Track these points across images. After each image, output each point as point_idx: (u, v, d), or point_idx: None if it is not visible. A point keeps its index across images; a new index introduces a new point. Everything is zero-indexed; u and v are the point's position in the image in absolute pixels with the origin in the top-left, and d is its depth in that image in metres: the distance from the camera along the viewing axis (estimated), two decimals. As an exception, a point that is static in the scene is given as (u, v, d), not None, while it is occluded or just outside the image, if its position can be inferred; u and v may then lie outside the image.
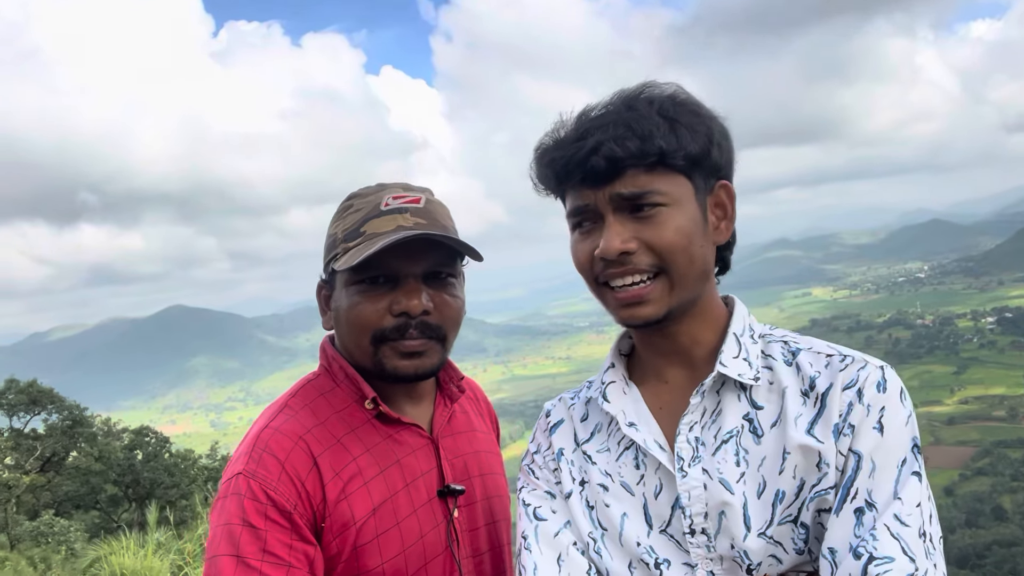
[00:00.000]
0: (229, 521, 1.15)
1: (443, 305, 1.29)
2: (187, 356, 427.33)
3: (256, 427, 1.27)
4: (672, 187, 1.03)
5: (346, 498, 1.21)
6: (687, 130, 1.03)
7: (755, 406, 1.07)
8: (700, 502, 1.04)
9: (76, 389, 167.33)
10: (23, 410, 26.33)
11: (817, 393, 1.04)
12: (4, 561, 12.03)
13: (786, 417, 1.04)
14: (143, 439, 27.92)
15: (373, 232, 1.24)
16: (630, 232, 1.03)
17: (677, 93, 1.07)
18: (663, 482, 1.08)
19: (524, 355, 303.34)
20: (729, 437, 1.06)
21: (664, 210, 1.03)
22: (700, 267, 1.06)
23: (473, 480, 1.38)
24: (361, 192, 1.33)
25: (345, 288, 1.28)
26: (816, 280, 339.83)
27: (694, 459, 1.06)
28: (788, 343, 1.11)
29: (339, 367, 1.33)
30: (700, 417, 1.08)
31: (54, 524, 18.41)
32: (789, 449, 1.02)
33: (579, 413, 1.23)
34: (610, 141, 1.01)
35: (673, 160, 1.02)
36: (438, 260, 1.28)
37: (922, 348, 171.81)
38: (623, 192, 1.02)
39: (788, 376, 1.07)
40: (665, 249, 1.03)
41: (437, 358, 1.30)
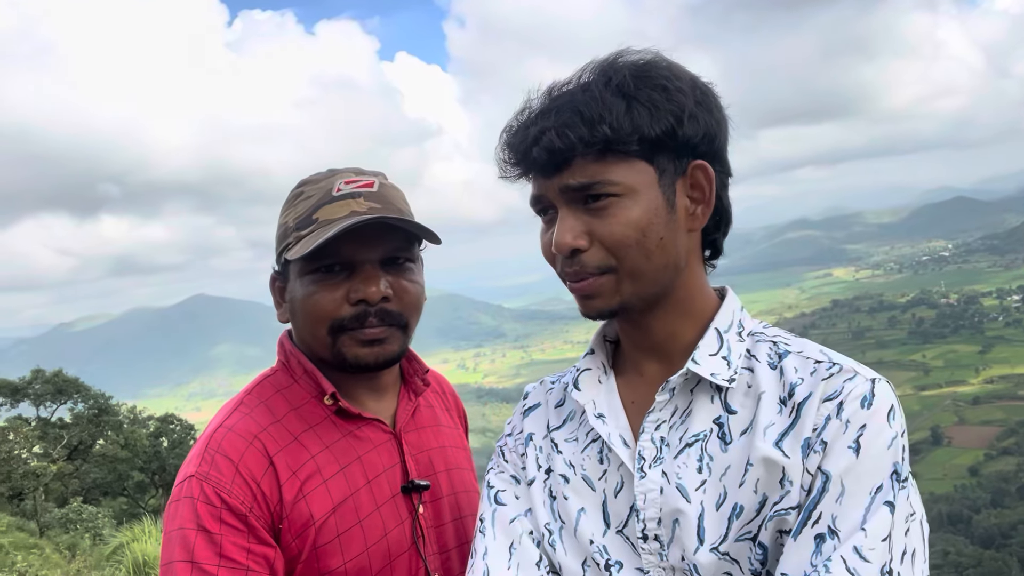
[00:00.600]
0: (183, 526, 1.12)
1: (402, 291, 1.25)
2: (210, 344, 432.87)
3: (210, 427, 1.23)
4: (626, 175, 0.94)
5: (304, 497, 1.18)
6: (647, 109, 0.93)
7: (728, 410, 0.98)
8: (654, 507, 0.97)
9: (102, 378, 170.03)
10: (50, 400, 26.80)
11: (794, 402, 0.94)
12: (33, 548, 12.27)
13: (756, 425, 0.95)
14: (168, 426, 28.34)
15: (326, 219, 1.21)
16: (582, 226, 0.96)
17: (649, 63, 0.97)
18: (624, 480, 1.01)
19: (543, 340, 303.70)
20: (695, 441, 0.98)
21: (616, 201, 0.94)
22: (661, 260, 0.97)
23: (439, 475, 1.35)
24: (312, 179, 1.28)
25: (299, 278, 1.24)
26: (837, 260, 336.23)
27: (656, 460, 0.99)
28: (778, 344, 1.02)
29: (297, 362, 1.29)
30: (669, 416, 1.00)
31: (82, 511, 18.76)
32: (752, 460, 0.93)
33: (555, 398, 1.17)
34: (552, 130, 0.94)
35: (626, 146, 0.93)
36: (395, 245, 1.25)
37: (947, 328, 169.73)
38: (571, 183, 0.95)
39: (769, 380, 0.98)
40: (615, 244, 0.95)
41: (398, 345, 1.27)
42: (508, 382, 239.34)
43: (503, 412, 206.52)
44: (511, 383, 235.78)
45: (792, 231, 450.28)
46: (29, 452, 21.34)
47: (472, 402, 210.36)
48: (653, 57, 0.98)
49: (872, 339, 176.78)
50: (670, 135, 0.94)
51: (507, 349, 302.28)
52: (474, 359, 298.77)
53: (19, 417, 25.84)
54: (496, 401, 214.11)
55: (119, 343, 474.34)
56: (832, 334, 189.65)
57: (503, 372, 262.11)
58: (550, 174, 0.97)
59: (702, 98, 0.97)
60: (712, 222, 1.02)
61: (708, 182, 0.98)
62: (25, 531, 17.08)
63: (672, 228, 0.97)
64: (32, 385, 26.43)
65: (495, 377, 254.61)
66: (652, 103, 0.93)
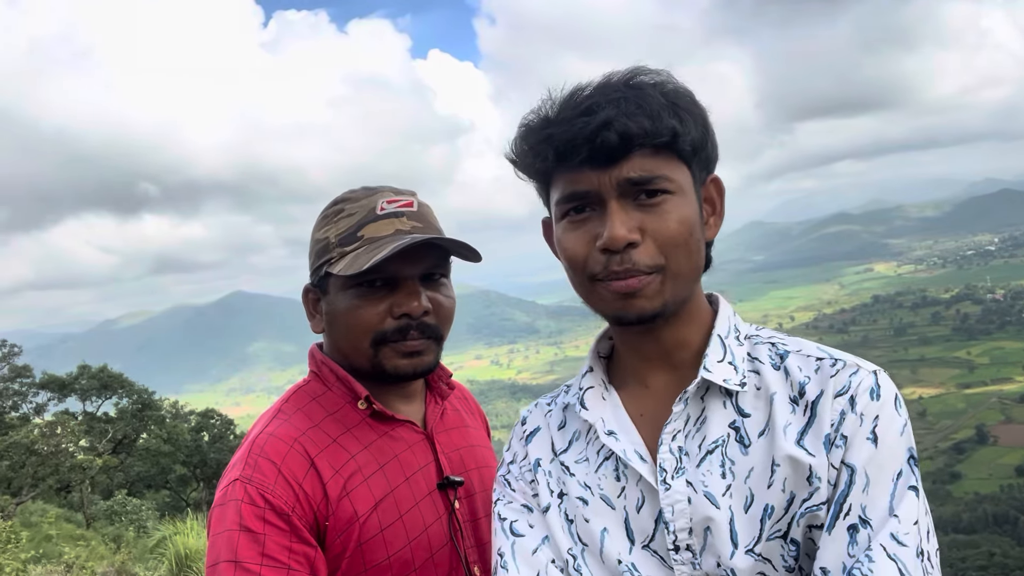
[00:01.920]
0: (228, 528, 1.15)
1: (439, 305, 1.31)
2: (248, 340, 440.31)
3: (251, 434, 1.28)
4: (678, 174, 0.96)
5: (347, 495, 1.22)
6: (689, 115, 0.96)
7: (742, 414, 0.99)
8: (684, 517, 0.97)
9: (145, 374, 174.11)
10: (95, 394, 27.50)
11: (807, 400, 0.96)
12: (80, 539, 12.61)
13: (774, 426, 0.96)
14: (209, 421, 28.90)
15: (372, 236, 1.26)
16: (635, 221, 0.95)
17: (669, 81, 0.99)
18: (645, 495, 1.01)
19: (576, 336, 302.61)
20: (714, 447, 0.98)
21: (671, 198, 0.95)
22: (698, 263, 0.99)
23: (470, 473, 1.39)
24: (350, 196, 1.33)
25: (342, 292, 1.28)
26: (878, 255, 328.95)
27: (677, 471, 0.98)
28: (776, 345, 1.04)
29: (329, 370, 1.34)
30: (684, 425, 1.01)
31: (127, 503, 19.23)
32: (778, 461, 0.95)
33: (556, 420, 1.15)
34: (623, 116, 0.91)
35: (681, 145, 0.94)
36: (433, 262, 1.30)
37: (992, 324, 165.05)
38: (631, 176, 0.93)
39: (776, 381, 0.99)
40: (668, 241, 0.95)
41: (434, 357, 1.32)
42: (542, 378, 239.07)
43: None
44: (545, 379, 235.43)
45: (831, 225, 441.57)
46: (76, 446, 21.90)
47: (506, 398, 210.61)
48: (668, 78, 0.99)
49: (915, 335, 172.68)
50: (703, 145, 0.98)
51: (540, 345, 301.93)
52: (508, 355, 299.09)
53: (66, 412, 26.55)
54: (530, 397, 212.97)
55: (161, 339, 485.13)
56: (873, 330, 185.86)
57: (537, 368, 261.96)
58: (606, 165, 0.94)
59: (706, 117, 1.01)
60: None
61: (719, 194, 1.03)
62: (72, 523, 17.57)
63: (702, 233, 1.00)
64: (78, 380, 27.14)
65: (529, 373, 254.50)
66: (691, 112, 0.96)
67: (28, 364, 26.93)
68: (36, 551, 8.48)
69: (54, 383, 27.05)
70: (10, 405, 26.39)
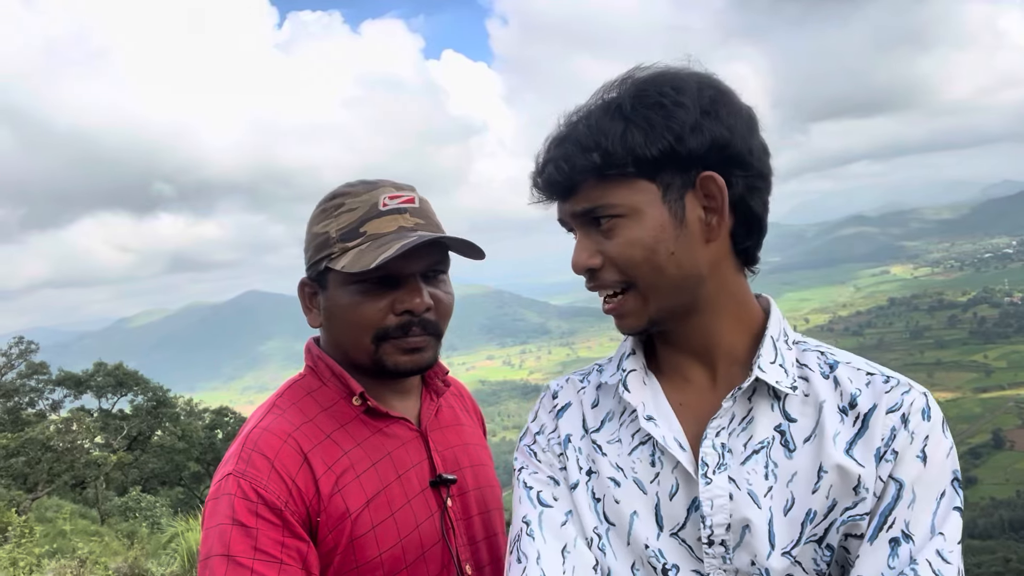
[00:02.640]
0: (220, 522, 1.15)
1: (439, 302, 1.31)
2: (262, 339, 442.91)
3: (245, 429, 1.28)
4: (627, 196, 0.97)
5: (340, 491, 1.22)
6: (642, 130, 0.95)
7: (788, 418, 1.00)
8: (723, 512, 0.98)
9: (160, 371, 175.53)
10: (111, 392, 27.75)
11: (859, 412, 0.98)
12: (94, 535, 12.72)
13: (823, 433, 0.98)
14: (223, 419, 29.06)
15: (376, 232, 1.26)
16: (595, 246, 1.00)
17: (651, 79, 0.99)
18: (680, 483, 1.02)
19: (588, 337, 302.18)
20: (760, 448, 0.99)
21: (620, 221, 0.98)
22: (676, 273, 0.99)
23: (464, 471, 1.40)
24: (349, 190, 1.31)
25: (343, 287, 1.28)
26: (895, 257, 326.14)
27: (720, 466, 0.99)
28: (825, 354, 1.05)
29: (325, 365, 1.34)
30: (728, 422, 1.01)
31: (141, 500, 19.34)
32: (826, 468, 0.96)
33: (589, 398, 1.15)
34: (551, 163, 1.00)
35: (622, 168, 0.96)
36: (435, 259, 1.30)
37: (1010, 327, 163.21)
38: (575, 209, 1.01)
39: (825, 389, 1.01)
40: (624, 263, 0.99)
41: (433, 353, 1.33)
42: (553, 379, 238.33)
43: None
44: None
45: (847, 227, 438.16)
46: (91, 442, 22.08)
47: (517, 399, 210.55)
48: (658, 73, 0.99)
49: (931, 339, 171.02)
50: (668, 152, 0.95)
51: (553, 346, 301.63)
52: (520, 356, 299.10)
53: (82, 408, 26.82)
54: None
55: (176, 337, 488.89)
56: (889, 333, 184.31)
57: (549, 369, 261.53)
58: (562, 200, 1.02)
59: (710, 106, 0.97)
60: (742, 230, 1.01)
61: (720, 191, 0.97)
62: (87, 518, 17.70)
63: (684, 241, 0.98)
64: (94, 378, 27.39)
65: (541, 374, 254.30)
66: (648, 122, 0.95)
67: (45, 361, 27.19)
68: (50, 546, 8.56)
69: (70, 380, 27.30)
70: (27, 401, 26.66)
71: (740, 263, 1.05)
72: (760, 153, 1.00)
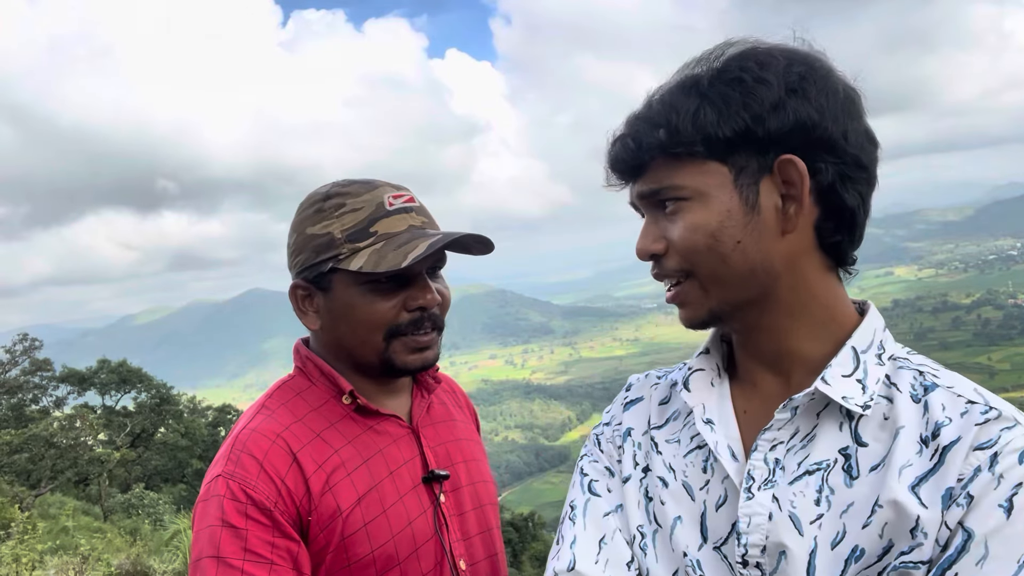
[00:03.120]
0: (210, 523, 1.16)
1: (443, 297, 1.33)
2: (265, 337, 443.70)
3: (234, 431, 1.28)
4: (695, 178, 0.90)
5: (330, 489, 1.22)
6: (716, 107, 0.88)
7: (858, 441, 0.88)
8: (759, 533, 0.89)
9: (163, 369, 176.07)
10: (114, 389, 27.86)
11: (939, 445, 0.84)
12: (97, 531, 12.75)
13: (890, 463, 0.85)
14: (226, 416, 29.20)
15: (388, 232, 1.26)
16: (660, 231, 0.95)
17: (736, 56, 0.91)
18: (728, 494, 0.94)
19: (591, 337, 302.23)
20: (816, 469, 0.89)
21: (684, 204, 0.91)
22: (742, 265, 0.90)
23: (457, 466, 1.40)
24: (348, 191, 1.31)
25: (353, 287, 1.27)
26: (899, 259, 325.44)
27: (767, 482, 0.90)
28: (924, 374, 0.91)
29: (313, 365, 1.35)
30: (788, 437, 0.91)
31: (144, 497, 19.41)
32: (882, 502, 0.84)
33: (660, 395, 1.10)
34: (620, 140, 0.95)
35: (689, 148, 0.89)
36: (437, 256, 1.30)
37: (1014, 329, 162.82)
38: (642, 190, 0.95)
39: (910, 414, 0.87)
40: (684, 249, 0.92)
41: (437, 350, 1.34)
42: (556, 379, 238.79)
43: (551, 409, 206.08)
44: (559, 380, 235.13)
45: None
46: (94, 439, 22.12)
47: (520, 398, 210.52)
48: (747, 47, 0.92)
49: (935, 340, 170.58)
50: (744, 132, 0.88)
51: (555, 346, 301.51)
52: (522, 355, 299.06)
53: (85, 405, 26.91)
54: (543, 398, 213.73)
55: (179, 335, 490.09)
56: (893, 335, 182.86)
57: (551, 369, 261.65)
58: (632, 182, 0.97)
59: (798, 84, 0.88)
60: (830, 223, 0.91)
61: (800, 177, 0.88)
62: (90, 515, 17.75)
63: (755, 230, 0.90)
64: (98, 375, 27.51)
65: (543, 374, 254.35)
66: (724, 100, 0.88)
67: (48, 358, 27.27)
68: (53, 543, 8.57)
69: (74, 377, 27.41)
70: (30, 398, 26.75)
71: (829, 261, 0.94)
72: (860, 139, 0.90)
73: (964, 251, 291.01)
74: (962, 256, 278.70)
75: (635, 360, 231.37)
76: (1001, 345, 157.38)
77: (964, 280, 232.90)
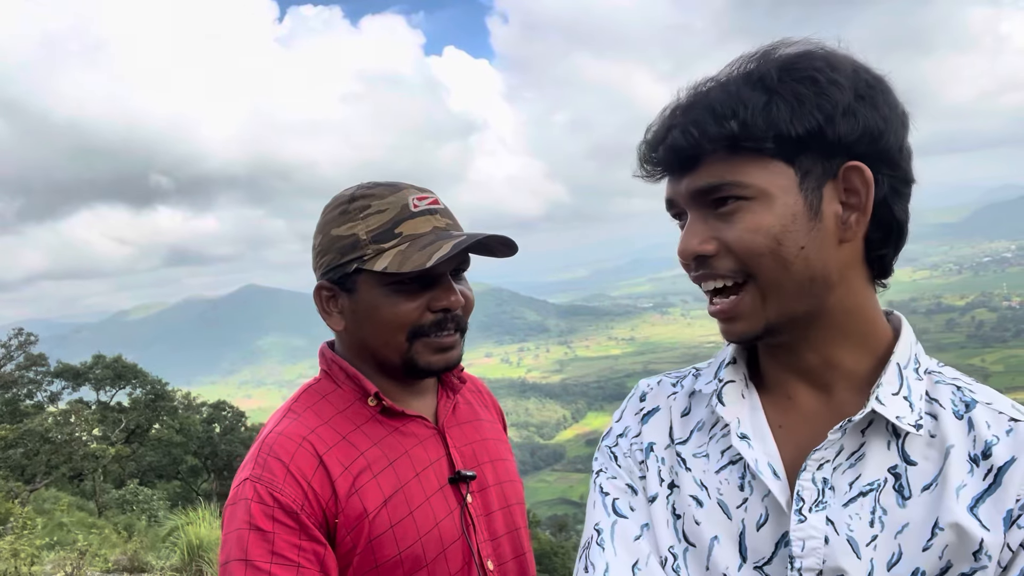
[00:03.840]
0: (238, 527, 1.17)
1: (466, 299, 1.34)
2: (260, 334, 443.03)
3: (262, 433, 1.30)
4: (760, 176, 0.85)
5: (357, 492, 1.23)
6: (788, 104, 0.83)
7: (907, 460, 0.87)
8: (816, 557, 0.86)
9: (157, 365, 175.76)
10: (109, 384, 27.81)
11: (992, 464, 0.83)
12: (93, 527, 12.75)
13: (946, 484, 0.84)
14: (221, 413, 29.14)
15: (413, 233, 1.27)
16: (710, 231, 0.88)
17: (803, 54, 0.87)
18: (770, 513, 0.90)
19: (587, 336, 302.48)
20: (868, 490, 0.87)
21: (746, 204, 0.86)
22: (804, 273, 0.86)
23: (483, 466, 1.40)
24: (372, 192, 1.32)
25: (377, 288, 1.28)
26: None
27: (817, 503, 0.87)
28: (962, 389, 0.90)
29: (339, 368, 1.35)
30: (834, 456, 0.88)
31: (138, 492, 19.41)
32: (942, 524, 0.82)
33: (680, 406, 1.05)
34: (678, 128, 0.87)
35: (759, 143, 0.84)
36: (461, 258, 1.31)
37: (1008, 331, 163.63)
38: (698, 185, 0.88)
39: (956, 432, 0.86)
40: (744, 252, 0.86)
41: (460, 351, 1.35)
42: (551, 378, 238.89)
43: (546, 407, 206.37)
44: (554, 379, 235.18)
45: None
46: (89, 435, 22.12)
47: (515, 397, 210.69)
48: (811, 48, 0.88)
49: (929, 342, 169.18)
50: (816, 133, 0.84)
51: (551, 345, 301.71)
52: (518, 354, 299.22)
53: (80, 400, 26.86)
54: (539, 396, 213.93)
55: (174, 331, 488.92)
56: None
57: (546, 368, 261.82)
58: (680, 175, 0.90)
59: (866, 91, 0.85)
60: (879, 235, 0.89)
61: (865, 186, 0.86)
62: (84, 511, 17.73)
63: (817, 237, 0.86)
64: (93, 370, 27.44)
65: (538, 372, 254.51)
66: (797, 97, 0.84)
67: (43, 353, 27.25)
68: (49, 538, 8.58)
69: (68, 372, 27.35)
70: (25, 393, 26.72)
71: (871, 273, 0.92)
72: (909, 156, 0.89)
73: (959, 253, 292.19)
74: (957, 258, 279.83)
75: (630, 360, 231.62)
76: (995, 347, 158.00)
77: (959, 282, 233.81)
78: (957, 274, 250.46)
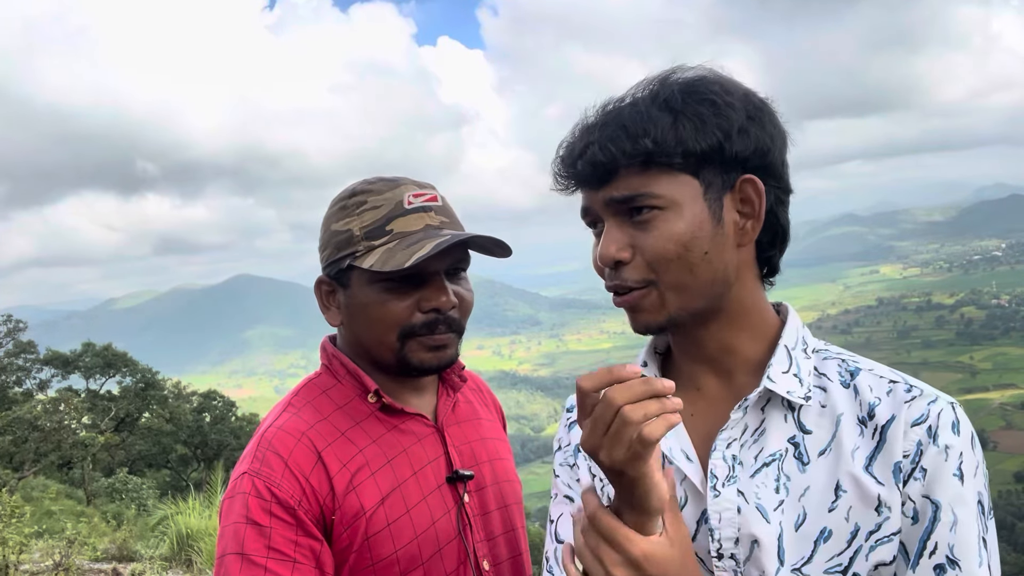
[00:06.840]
0: (235, 520, 1.17)
1: (461, 299, 1.32)
2: (250, 324, 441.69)
3: (261, 428, 1.29)
4: (670, 188, 0.94)
5: (354, 489, 1.23)
6: (692, 123, 0.94)
7: (803, 429, 0.96)
8: (731, 526, 0.95)
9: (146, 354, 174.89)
10: (99, 372, 27.66)
11: (876, 424, 0.93)
12: (81, 515, 12.72)
13: (840, 447, 0.93)
14: (211, 402, 29.03)
15: (403, 231, 1.26)
16: (627, 238, 0.97)
17: (700, 79, 0.98)
18: (689, 496, 0.99)
19: (578, 329, 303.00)
20: (771, 460, 0.96)
21: (659, 214, 0.95)
22: (707, 274, 0.96)
23: (482, 466, 1.39)
24: (371, 188, 1.31)
25: (368, 285, 1.27)
26: (884, 257, 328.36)
27: (729, 479, 0.96)
28: (846, 361, 1.01)
29: (340, 363, 1.34)
30: (740, 434, 0.98)
31: (128, 481, 19.35)
32: (844, 486, 0.92)
33: None
34: (596, 144, 0.96)
35: (669, 159, 0.93)
36: (458, 257, 1.30)
37: (997, 329, 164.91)
38: (615, 195, 0.96)
39: (844, 400, 0.96)
40: (656, 258, 0.95)
41: (455, 350, 1.33)
42: (542, 370, 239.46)
43: (537, 400, 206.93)
44: (545, 371, 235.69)
45: (838, 226, 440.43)
46: (78, 423, 22.05)
47: (507, 389, 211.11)
48: (705, 73, 0.99)
49: (918, 339, 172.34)
50: (717, 149, 0.94)
51: (542, 337, 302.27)
52: (509, 346, 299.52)
53: (69, 388, 26.72)
54: (530, 389, 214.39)
55: (164, 320, 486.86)
56: (876, 332, 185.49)
57: (537, 360, 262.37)
58: (596, 187, 0.98)
59: (755, 113, 0.97)
60: (767, 238, 1.01)
61: (758, 196, 0.97)
62: (73, 499, 17.70)
63: (719, 242, 0.96)
64: (82, 358, 27.30)
65: (529, 365, 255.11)
66: (699, 117, 0.94)
67: (32, 340, 27.09)
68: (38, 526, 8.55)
69: (58, 360, 27.20)
70: (14, 380, 26.57)
71: (761, 272, 1.04)
72: (788, 170, 1.03)
73: (949, 251, 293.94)
74: (947, 256, 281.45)
75: (621, 353, 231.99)
76: (983, 345, 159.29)
77: (948, 280, 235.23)
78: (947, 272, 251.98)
